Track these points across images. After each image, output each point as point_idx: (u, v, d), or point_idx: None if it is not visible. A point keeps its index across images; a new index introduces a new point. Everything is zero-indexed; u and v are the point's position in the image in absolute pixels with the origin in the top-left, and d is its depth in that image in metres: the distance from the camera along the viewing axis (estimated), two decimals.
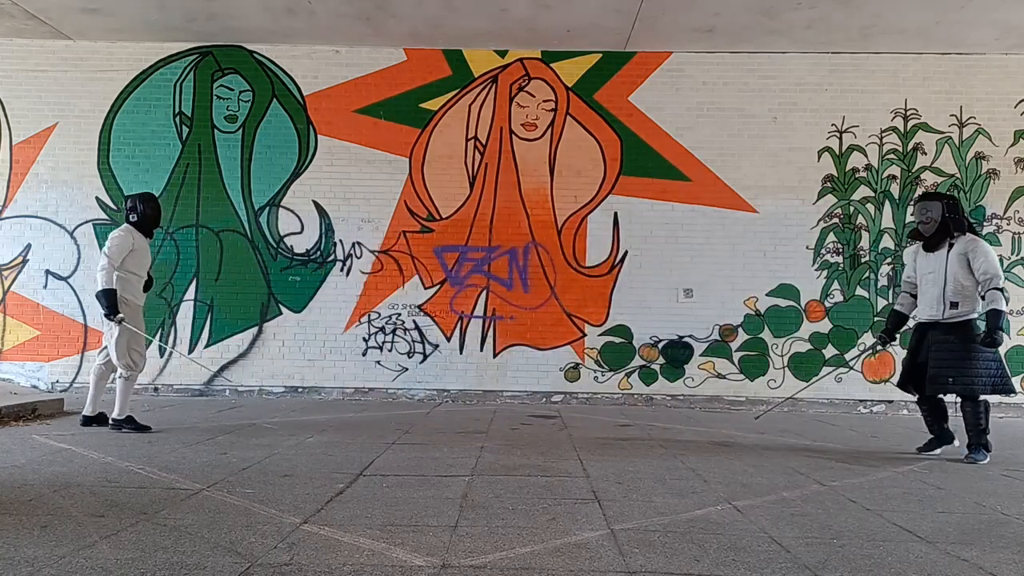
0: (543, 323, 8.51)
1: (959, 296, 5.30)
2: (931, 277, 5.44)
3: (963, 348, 5.24)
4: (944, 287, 5.34)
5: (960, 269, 5.30)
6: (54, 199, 8.61)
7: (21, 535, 3.07)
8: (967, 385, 5.21)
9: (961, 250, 5.33)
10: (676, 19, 7.73)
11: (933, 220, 5.42)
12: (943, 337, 5.31)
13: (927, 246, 5.51)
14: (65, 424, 6.21)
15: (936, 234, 5.43)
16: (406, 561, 2.86)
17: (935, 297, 5.39)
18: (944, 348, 5.28)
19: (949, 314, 5.31)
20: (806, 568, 2.88)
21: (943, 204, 5.42)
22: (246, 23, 8.06)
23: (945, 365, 5.26)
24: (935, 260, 5.43)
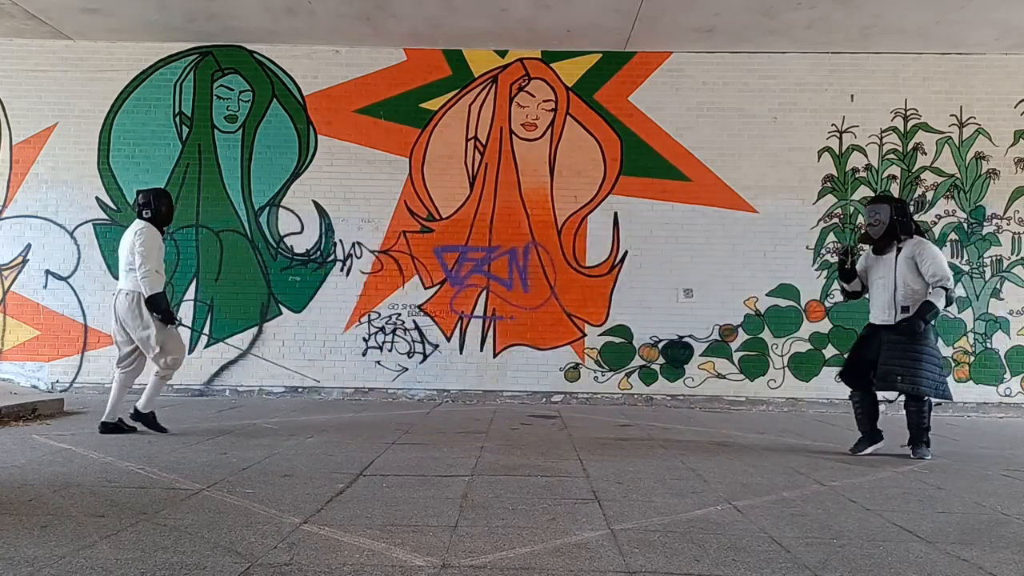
0: (543, 323, 8.51)
1: (909, 300, 5.32)
2: (881, 282, 5.46)
3: (912, 349, 5.27)
4: (894, 292, 5.37)
5: (909, 273, 5.32)
6: (54, 199, 8.61)
7: (21, 535, 3.07)
8: (915, 384, 5.24)
9: (909, 254, 5.35)
10: (676, 19, 7.73)
11: (881, 223, 5.42)
12: (895, 337, 5.33)
13: (876, 249, 5.52)
14: (65, 424, 6.21)
15: (884, 237, 5.43)
16: (406, 561, 2.85)
17: (886, 302, 5.41)
18: (894, 347, 5.31)
19: (901, 318, 5.33)
20: (806, 568, 2.88)
21: (891, 207, 5.43)
22: (246, 23, 8.06)
23: (894, 364, 5.28)
24: (884, 264, 5.45)
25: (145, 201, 5.74)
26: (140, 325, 5.61)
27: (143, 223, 5.68)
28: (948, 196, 8.49)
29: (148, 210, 5.72)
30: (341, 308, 8.53)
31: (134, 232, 5.64)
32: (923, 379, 5.23)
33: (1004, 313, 8.42)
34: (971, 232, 8.47)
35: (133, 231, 5.66)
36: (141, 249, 5.54)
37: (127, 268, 5.64)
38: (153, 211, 5.72)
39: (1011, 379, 8.38)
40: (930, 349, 5.31)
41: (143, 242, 5.57)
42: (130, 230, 5.70)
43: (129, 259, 5.61)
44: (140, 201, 5.77)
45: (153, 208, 5.72)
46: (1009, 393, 8.37)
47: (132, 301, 5.60)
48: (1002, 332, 8.40)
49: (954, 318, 8.42)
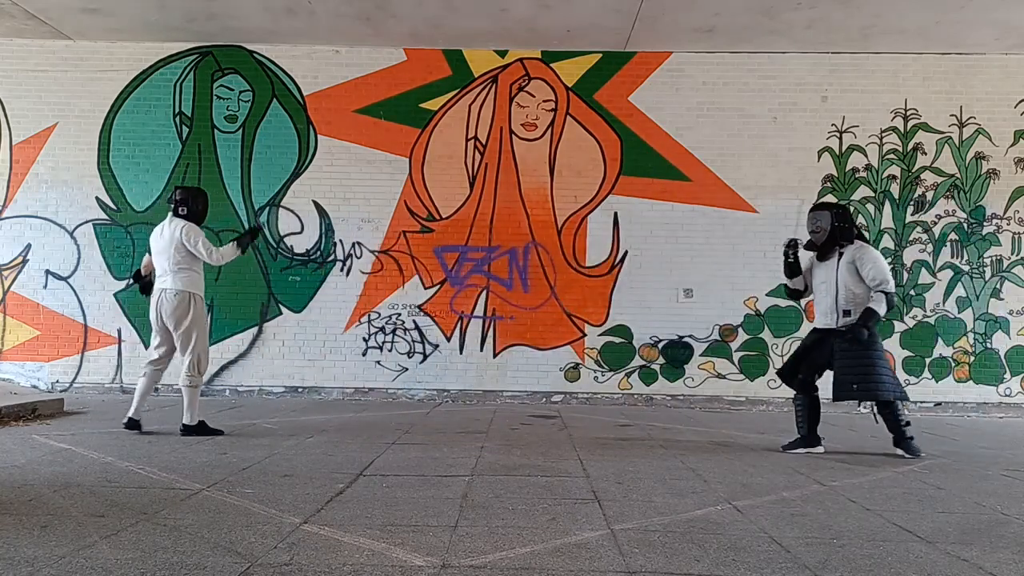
0: (543, 323, 8.51)
1: (851, 304, 5.37)
2: (824, 287, 5.52)
3: (864, 355, 5.30)
4: (836, 296, 5.42)
5: (850, 277, 5.38)
6: (54, 199, 8.61)
7: (21, 535, 3.07)
8: (871, 391, 5.28)
9: (850, 259, 5.40)
10: (676, 19, 7.73)
11: (823, 229, 5.50)
12: (846, 345, 5.37)
13: (819, 255, 5.59)
14: (65, 424, 6.21)
15: (826, 243, 5.50)
16: (406, 561, 2.85)
17: (829, 306, 5.47)
18: (846, 356, 5.36)
19: (843, 322, 5.38)
20: (806, 568, 2.88)
21: (832, 213, 5.50)
22: (246, 23, 8.06)
23: (848, 372, 5.32)
24: (827, 269, 5.51)
25: (183, 198, 5.70)
26: (189, 324, 5.61)
27: (182, 221, 5.62)
28: (948, 196, 8.49)
29: (185, 207, 5.68)
30: (341, 308, 8.53)
31: (180, 231, 5.56)
32: (879, 384, 5.28)
33: (1004, 313, 8.42)
34: (971, 232, 8.47)
35: (177, 230, 5.57)
36: (196, 241, 5.54)
37: (177, 267, 5.57)
38: (190, 209, 5.69)
39: (1011, 379, 8.38)
40: (880, 353, 5.38)
41: (194, 237, 5.55)
42: (168, 228, 5.62)
43: (177, 258, 5.55)
44: (178, 198, 5.71)
45: (190, 206, 5.69)
46: (1009, 393, 8.37)
47: (187, 300, 5.59)
48: (1002, 332, 8.40)
49: (954, 318, 8.43)
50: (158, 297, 5.64)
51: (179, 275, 5.58)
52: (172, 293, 5.58)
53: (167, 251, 5.58)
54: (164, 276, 5.63)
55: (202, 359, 5.73)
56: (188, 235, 5.56)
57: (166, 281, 5.61)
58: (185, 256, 5.59)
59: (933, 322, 8.44)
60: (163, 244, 5.61)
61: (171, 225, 5.64)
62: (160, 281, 5.66)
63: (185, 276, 5.59)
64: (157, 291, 5.66)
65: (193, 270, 5.65)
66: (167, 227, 5.65)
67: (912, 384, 8.37)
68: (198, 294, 5.68)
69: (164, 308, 5.61)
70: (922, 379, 8.40)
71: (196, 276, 5.68)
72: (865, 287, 5.35)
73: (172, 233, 5.58)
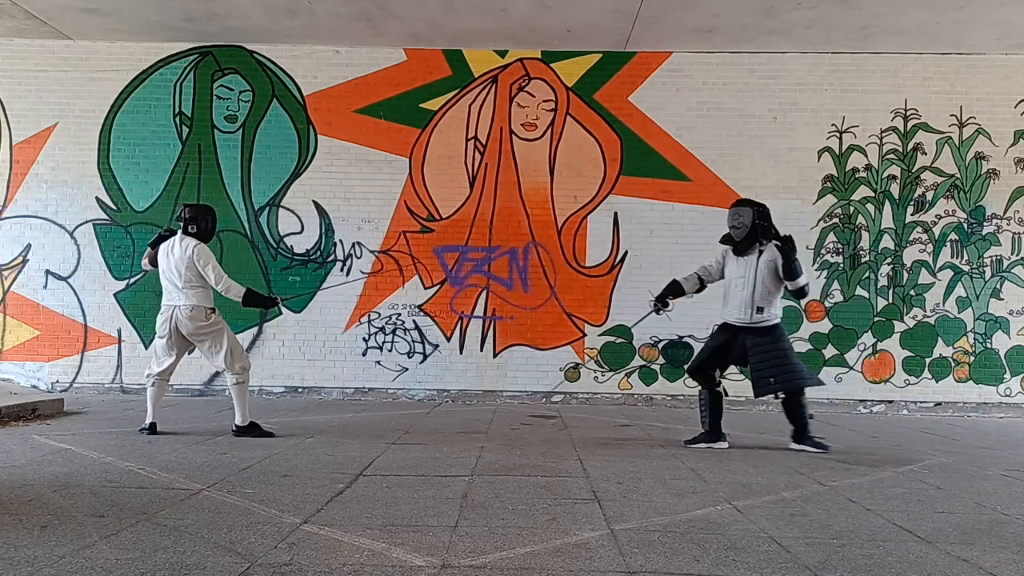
0: (543, 323, 8.51)
1: (765, 301, 5.50)
2: (740, 281, 5.60)
3: (777, 348, 5.47)
4: (752, 292, 5.51)
5: (768, 275, 5.50)
6: (54, 199, 8.61)
7: (21, 535, 3.07)
8: (789, 381, 5.41)
9: (770, 257, 5.50)
10: (676, 19, 7.73)
11: (744, 225, 5.58)
12: (757, 340, 5.50)
13: (737, 251, 5.68)
14: (65, 424, 6.21)
15: (746, 240, 5.59)
16: (406, 561, 2.85)
17: (743, 301, 5.55)
18: (760, 351, 5.48)
19: (756, 318, 5.50)
20: (806, 568, 2.88)
21: (754, 211, 5.58)
22: (246, 23, 8.06)
23: (765, 367, 5.45)
24: (744, 265, 5.60)
25: (192, 216, 5.70)
26: (212, 333, 5.67)
27: (193, 240, 5.64)
28: (948, 196, 8.49)
29: (194, 225, 5.69)
30: (341, 308, 8.53)
31: (191, 251, 5.58)
32: (796, 373, 5.43)
33: (1004, 313, 8.41)
34: (971, 232, 8.47)
35: (187, 249, 5.59)
36: (209, 263, 5.59)
37: (187, 286, 5.58)
38: (199, 227, 5.71)
39: (1011, 379, 8.38)
40: (789, 344, 5.63)
41: (209, 258, 5.61)
42: (179, 247, 5.63)
43: (188, 276, 5.57)
44: (186, 215, 5.71)
45: (199, 224, 5.71)
46: (1009, 393, 8.37)
47: (203, 314, 5.62)
48: (1002, 332, 8.40)
49: (954, 318, 8.43)
50: (171, 314, 5.65)
51: (191, 292, 5.61)
52: (187, 309, 5.60)
53: (178, 269, 5.61)
54: (174, 293, 5.65)
55: (241, 357, 5.78)
56: (199, 257, 5.59)
57: (178, 298, 5.63)
58: (196, 275, 5.62)
59: (933, 322, 8.44)
60: (174, 261, 5.62)
61: (181, 244, 5.64)
62: (170, 298, 5.68)
63: (195, 292, 5.62)
64: (168, 308, 5.67)
65: (203, 287, 5.68)
66: (177, 245, 5.65)
67: (912, 384, 8.39)
68: (210, 306, 5.71)
69: (184, 326, 5.63)
70: (922, 379, 8.40)
71: (206, 292, 5.70)
72: (779, 286, 5.51)
73: (183, 252, 5.60)
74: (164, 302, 5.71)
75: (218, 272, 5.63)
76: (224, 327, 5.78)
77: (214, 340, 5.69)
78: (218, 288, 5.64)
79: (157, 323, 5.77)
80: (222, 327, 5.75)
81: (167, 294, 5.70)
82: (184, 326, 5.62)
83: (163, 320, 5.68)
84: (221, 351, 5.69)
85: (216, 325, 5.71)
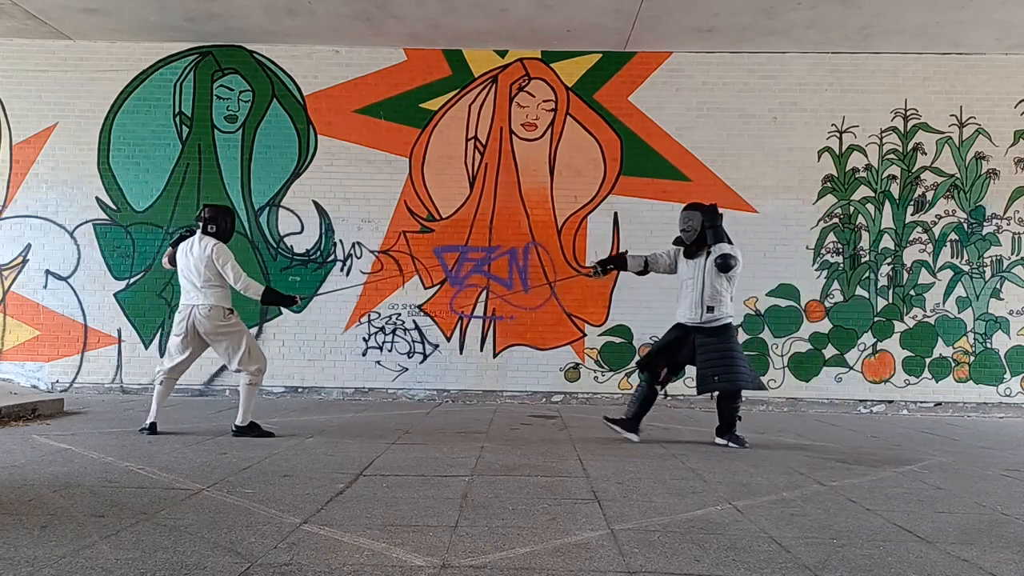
0: (543, 323, 8.51)
1: (714, 301, 5.66)
2: (690, 283, 5.76)
3: (724, 348, 5.63)
4: (702, 292, 5.65)
5: (716, 276, 5.63)
6: (54, 199, 8.61)
7: (21, 535, 3.07)
8: (732, 381, 5.58)
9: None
10: (676, 19, 7.73)
11: (694, 229, 5.76)
12: (706, 339, 5.66)
13: (687, 253, 5.84)
14: (65, 424, 6.21)
15: (695, 243, 5.76)
16: (406, 561, 2.85)
17: (694, 301, 5.71)
18: (707, 350, 5.64)
19: (706, 317, 5.66)
20: (806, 568, 2.88)
21: (703, 216, 5.72)
22: (246, 23, 8.07)
23: (709, 366, 5.60)
24: (694, 267, 5.76)
25: (212, 216, 5.71)
26: (231, 334, 5.67)
27: (212, 240, 5.65)
28: (948, 196, 8.49)
29: (214, 225, 5.70)
30: (341, 308, 8.53)
31: (210, 250, 5.58)
32: (739, 374, 5.58)
33: (1004, 313, 8.42)
34: (971, 232, 8.47)
35: (206, 249, 5.59)
36: (229, 263, 5.59)
37: (206, 285, 5.59)
38: (219, 227, 5.71)
39: (1011, 379, 8.38)
40: (737, 346, 5.74)
41: (229, 257, 5.61)
42: (198, 246, 5.63)
43: (207, 275, 5.58)
44: (206, 215, 5.72)
45: (219, 224, 5.72)
46: (1009, 393, 8.37)
47: (221, 313, 5.63)
48: (1002, 332, 8.40)
49: (954, 318, 8.43)
50: (189, 313, 5.64)
51: (209, 291, 5.61)
52: (206, 309, 5.60)
53: (197, 268, 5.61)
54: (192, 293, 5.65)
55: (258, 358, 5.78)
56: (218, 256, 5.60)
57: (196, 298, 5.63)
58: (215, 274, 5.62)
59: (933, 322, 8.44)
60: (193, 260, 5.63)
61: (201, 243, 5.65)
62: (188, 298, 5.68)
63: (214, 292, 5.62)
64: (187, 307, 5.67)
65: (222, 286, 5.68)
66: (196, 244, 5.66)
67: (912, 384, 8.39)
68: (229, 306, 5.71)
69: (201, 325, 5.62)
70: (922, 379, 8.40)
71: (225, 291, 5.70)
72: (728, 286, 5.67)
73: (202, 251, 5.61)
74: (182, 301, 5.73)
75: (237, 271, 5.64)
76: (243, 329, 5.78)
77: (232, 341, 5.69)
78: (237, 287, 5.65)
79: (175, 321, 5.78)
80: (241, 329, 5.76)
81: (185, 293, 5.71)
82: (202, 325, 5.62)
83: (181, 319, 5.69)
84: (239, 352, 5.69)
85: (235, 327, 5.71)
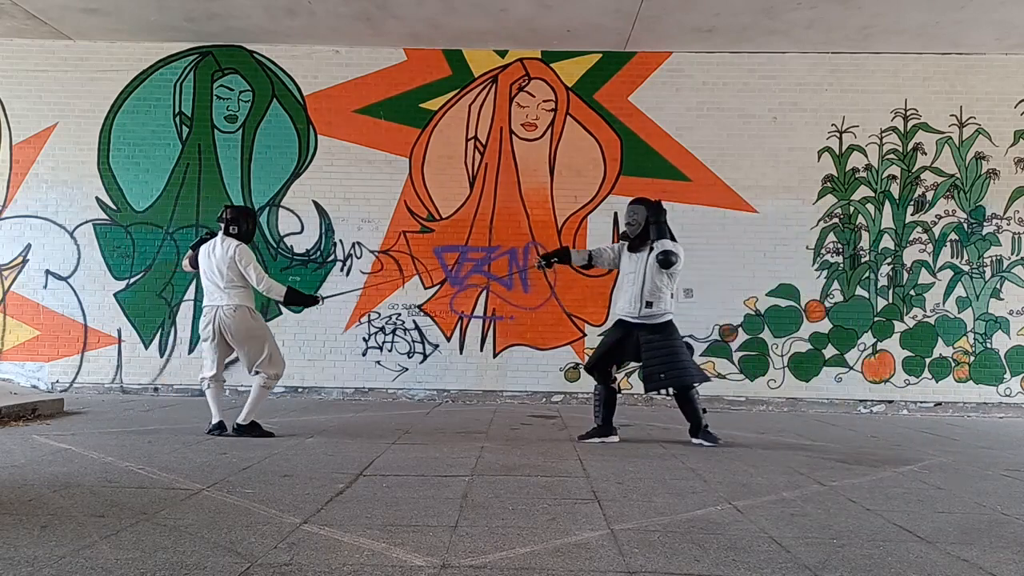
0: (543, 323, 8.51)
1: (654, 296, 5.66)
2: (631, 277, 5.77)
3: (668, 345, 5.65)
4: (642, 287, 5.66)
5: (657, 271, 5.62)
6: (54, 199, 8.61)
7: (21, 535, 3.07)
8: (678, 377, 5.61)
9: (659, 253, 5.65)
10: (676, 19, 7.73)
11: (638, 223, 5.76)
12: (650, 337, 5.66)
13: (631, 247, 5.85)
14: (65, 424, 6.21)
15: (639, 237, 5.77)
16: (406, 561, 2.85)
17: (633, 295, 5.72)
18: (652, 348, 5.65)
19: (645, 312, 5.68)
20: (806, 568, 2.88)
21: (647, 210, 5.73)
22: (246, 23, 8.06)
23: (655, 363, 5.62)
24: (637, 261, 5.78)
25: (233, 217, 5.71)
26: (255, 336, 5.68)
27: (234, 241, 5.66)
28: (948, 196, 8.49)
29: (235, 226, 5.70)
30: (341, 308, 8.52)
31: (232, 251, 5.59)
32: (684, 370, 5.61)
33: (1004, 313, 8.42)
34: (971, 232, 8.47)
35: (228, 250, 5.60)
36: (250, 265, 5.61)
37: (229, 286, 5.60)
38: (240, 228, 5.72)
39: (1011, 379, 8.38)
40: (681, 343, 5.77)
41: (246, 260, 5.61)
42: (220, 247, 5.64)
43: (230, 276, 5.58)
44: (228, 216, 5.72)
45: (241, 225, 5.72)
46: (1009, 393, 8.37)
47: (247, 315, 5.64)
48: (1002, 332, 8.40)
49: (954, 318, 8.43)
50: (214, 314, 5.65)
51: (233, 292, 5.62)
52: (230, 309, 5.61)
53: (219, 269, 5.61)
54: (216, 294, 5.65)
55: (278, 363, 5.79)
56: (241, 258, 5.60)
57: (220, 299, 5.63)
58: (238, 275, 5.63)
59: (933, 322, 8.44)
60: (216, 261, 5.63)
61: (223, 244, 5.66)
62: (212, 299, 5.68)
63: (237, 292, 5.63)
64: (211, 309, 5.68)
65: (245, 287, 5.69)
66: (219, 246, 5.66)
67: (912, 384, 8.39)
68: (253, 307, 5.73)
69: (226, 326, 5.63)
70: (922, 379, 8.40)
71: (248, 292, 5.71)
72: (667, 282, 5.66)
73: (225, 252, 5.62)
74: (206, 303, 5.74)
75: (259, 272, 5.66)
76: (267, 332, 5.80)
77: (255, 344, 5.69)
78: (259, 288, 5.67)
79: (200, 325, 5.81)
80: (265, 332, 5.77)
81: (209, 295, 5.71)
82: (227, 326, 5.62)
83: (206, 322, 5.70)
84: (260, 356, 5.69)
85: (259, 329, 5.73)
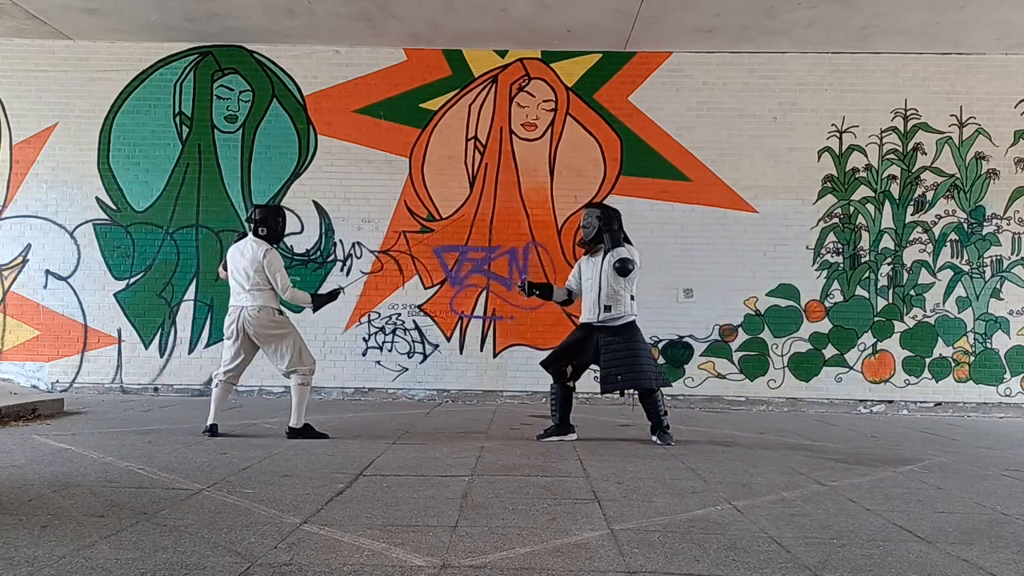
0: (543, 323, 8.51)
1: (612, 300, 5.70)
2: (589, 283, 5.81)
3: (628, 348, 5.66)
4: (599, 292, 5.69)
5: (612, 275, 5.64)
6: (54, 199, 8.61)
7: (21, 535, 3.07)
8: (635, 379, 5.62)
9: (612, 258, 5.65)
10: (676, 19, 7.73)
11: (592, 226, 5.78)
12: (609, 339, 5.69)
13: (587, 251, 5.91)
14: (65, 424, 6.21)
15: (592, 241, 5.79)
16: (406, 561, 2.85)
17: (592, 301, 5.76)
18: (611, 350, 5.67)
19: (604, 316, 5.70)
20: (806, 568, 2.88)
21: (599, 214, 5.75)
22: (246, 23, 8.06)
23: (613, 365, 5.64)
24: (593, 267, 5.80)
25: (262, 217, 5.69)
26: (280, 336, 5.68)
27: (264, 243, 5.65)
28: (948, 196, 8.49)
29: (264, 227, 5.68)
30: (341, 308, 8.49)
31: (262, 253, 5.59)
32: (643, 373, 5.62)
33: (1004, 313, 8.42)
34: (971, 232, 8.47)
35: (257, 251, 5.60)
36: (277, 270, 5.61)
37: (255, 287, 5.59)
38: (270, 228, 5.70)
39: (1011, 379, 8.38)
40: (642, 345, 5.75)
41: (275, 267, 5.61)
42: (251, 249, 5.63)
43: (256, 279, 5.58)
44: (256, 217, 5.71)
45: (270, 225, 5.71)
46: (1009, 393, 8.37)
47: (271, 315, 5.65)
48: (1002, 332, 8.40)
49: (954, 318, 8.43)
50: (239, 315, 5.64)
51: (257, 293, 5.61)
52: (255, 310, 5.60)
53: (246, 271, 5.61)
54: (241, 295, 5.65)
55: (308, 358, 5.79)
56: (270, 264, 5.60)
57: (245, 299, 5.63)
58: (264, 279, 5.62)
59: (933, 322, 8.44)
60: (244, 263, 5.63)
61: (254, 246, 5.64)
62: (237, 299, 5.68)
63: (261, 294, 5.62)
64: (236, 309, 5.67)
65: (269, 289, 5.67)
66: (249, 247, 5.65)
67: (912, 384, 8.39)
68: (276, 307, 5.72)
69: (251, 326, 5.62)
70: (922, 379, 8.40)
71: (272, 293, 5.69)
72: (624, 286, 5.69)
73: (255, 255, 5.61)
74: (231, 303, 5.72)
75: (286, 281, 5.66)
76: (292, 329, 5.78)
77: (280, 343, 5.67)
78: (284, 296, 5.68)
79: (224, 324, 5.79)
80: (290, 329, 5.75)
81: (235, 295, 5.70)
82: (251, 327, 5.62)
83: (230, 321, 5.69)
84: (288, 354, 5.67)
85: (284, 327, 5.71)
